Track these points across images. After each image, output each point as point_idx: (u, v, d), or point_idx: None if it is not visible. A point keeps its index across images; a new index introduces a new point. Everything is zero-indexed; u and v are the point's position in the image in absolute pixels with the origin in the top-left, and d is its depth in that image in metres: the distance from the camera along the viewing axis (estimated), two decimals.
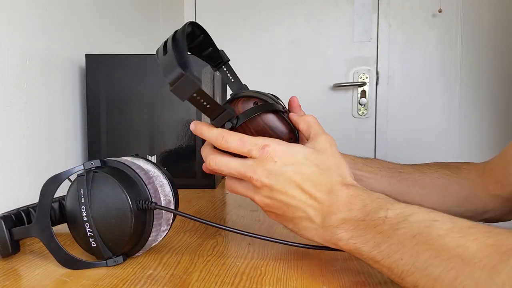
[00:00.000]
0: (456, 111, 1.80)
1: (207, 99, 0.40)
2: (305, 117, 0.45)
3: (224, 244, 0.51)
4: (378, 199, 0.38)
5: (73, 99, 0.86)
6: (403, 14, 1.80)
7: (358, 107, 1.84)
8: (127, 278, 0.40)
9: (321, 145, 0.43)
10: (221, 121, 0.43)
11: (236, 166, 0.42)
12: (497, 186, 0.60)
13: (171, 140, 0.87)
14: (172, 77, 0.38)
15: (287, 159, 0.41)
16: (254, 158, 0.41)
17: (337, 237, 0.39)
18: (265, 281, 0.39)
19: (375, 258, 0.36)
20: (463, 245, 0.30)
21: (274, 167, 0.40)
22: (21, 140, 0.69)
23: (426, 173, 0.64)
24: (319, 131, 0.44)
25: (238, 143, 0.42)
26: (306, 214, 0.41)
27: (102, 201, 0.41)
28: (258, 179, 0.41)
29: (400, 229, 0.34)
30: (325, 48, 1.84)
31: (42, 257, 0.46)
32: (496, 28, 1.75)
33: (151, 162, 0.47)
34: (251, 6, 1.86)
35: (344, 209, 0.39)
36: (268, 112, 0.44)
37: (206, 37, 0.48)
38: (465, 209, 0.63)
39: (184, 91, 0.38)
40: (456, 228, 0.32)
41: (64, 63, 0.83)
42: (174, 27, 1.92)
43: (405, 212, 0.36)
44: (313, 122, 0.45)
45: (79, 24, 0.89)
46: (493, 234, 0.30)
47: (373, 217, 0.37)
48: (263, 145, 0.41)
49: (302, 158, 0.41)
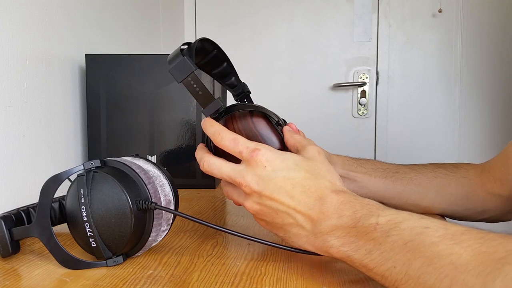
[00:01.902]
0: (456, 111, 1.80)
1: (200, 85, 0.42)
2: (293, 135, 0.46)
3: (224, 244, 0.51)
4: (368, 205, 0.38)
5: (73, 99, 0.86)
6: (403, 14, 1.80)
7: (358, 107, 1.84)
8: (127, 278, 0.40)
9: (309, 154, 0.43)
10: (210, 110, 0.44)
11: (228, 171, 0.42)
12: (496, 185, 0.60)
13: (171, 140, 0.87)
14: (171, 56, 0.43)
15: (277, 164, 0.40)
16: (244, 160, 0.41)
17: (328, 244, 0.38)
18: (265, 281, 0.39)
19: (367, 266, 0.36)
20: (456, 253, 0.30)
21: (264, 173, 0.40)
22: (21, 140, 0.69)
23: (422, 172, 0.64)
24: (306, 143, 0.45)
25: (231, 143, 0.42)
26: (296, 221, 0.40)
27: (102, 201, 0.41)
28: (247, 185, 0.41)
29: (392, 236, 0.34)
30: (325, 48, 1.84)
31: (42, 257, 0.46)
32: (496, 28, 1.75)
33: (151, 162, 0.47)
34: (251, 6, 1.86)
35: (334, 215, 0.38)
36: (260, 117, 0.45)
37: (219, 51, 0.51)
38: (464, 207, 0.62)
39: (180, 73, 0.42)
40: (448, 235, 0.32)
41: (64, 63, 0.83)
42: (174, 27, 1.91)
43: (396, 218, 0.35)
44: (300, 138, 0.46)
45: (79, 24, 0.89)
46: (486, 240, 0.30)
47: (364, 223, 0.36)
48: (254, 148, 0.41)
49: (292, 164, 0.41)
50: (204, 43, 0.48)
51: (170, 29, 1.65)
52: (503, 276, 0.27)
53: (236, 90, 0.55)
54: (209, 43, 0.49)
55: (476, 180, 0.62)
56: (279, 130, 0.46)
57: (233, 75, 0.54)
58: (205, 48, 0.50)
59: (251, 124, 0.45)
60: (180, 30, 1.84)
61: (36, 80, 0.73)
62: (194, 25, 1.89)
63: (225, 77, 0.54)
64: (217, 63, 0.53)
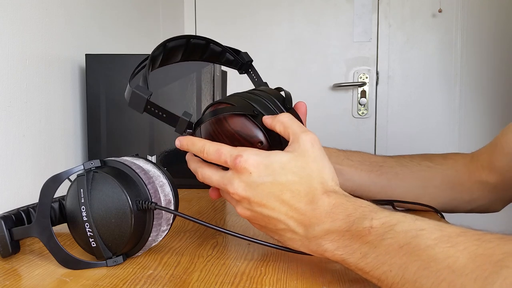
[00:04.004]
0: (456, 111, 1.80)
1: (161, 110, 0.42)
2: (278, 117, 0.41)
3: (224, 244, 0.51)
4: (361, 207, 0.37)
5: (73, 99, 0.86)
6: (403, 14, 1.80)
7: (358, 107, 1.84)
8: (127, 278, 0.40)
9: (301, 148, 0.39)
10: (181, 129, 0.43)
11: (217, 179, 0.42)
12: (484, 172, 0.60)
13: (171, 140, 0.87)
14: (126, 93, 0.43)
15: (262, 170, 0.39)
16: (230, 168, 0.40)
17: (322, 248, 0.38)
18: (265, 281, 0.39)
19: (363, 269, 0.35)
20: (452, 256, 0.30)
21: (250, 179, 0.39)
22: (21, 140, 0.69)
23: (408, 166, 0.64)
24: (297, 131, 0.40)
25: (215, 155, 0.41)
26: (288, 226, 0.39)
27: (102, 201, 0.41)
28: (235, 192, 0.40)
29: (386, 239, 0.34)
30: (325, 48, 1.84)
31: (42, 257, 0.46)
32: (496, 28, 1.75)
33: (151, 162, 0.47)
34: (251, 6, 1.86)
35: (327, 219, 0.37)
36: (233, 116, 0.42)
37: (215, 44, 0.50)
38: (451, 198, 0.63)
39: (138, 105, 0.42)
40: (444, 237, 0.31)
41: (64, 63, 0.83)
42: (174, 27, 1.92)
43: (391, 221, 0.35)
44: (288, 122, 0.41)
45: (79, 24, 0.89)
46: (482, 242, 0.30)
47: (358, 227, 0.36)
48: (237, 155, 0.39)
49: (278, 168, 0.39)
50: (169, 45, 0.47)
51: (170, 29, 1.65)
52: (502, 279, 0.27)
53: (235, 65, 0.53)
54: (176, 41, 0.48)
55: (464, 170, 0.62)
56: (259, 122, 0.42)
57: (225, 52, 0.51)
58: (175, 48, 0.48)
59: (227, 126, 0.42)
60: (180, 30, 1.84)
61: (36, 80, 0.73)
62: (194, 25, 1.89)
63: (218, 57, 0.52)
64: (201, 49, 0.51)
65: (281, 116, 0.41)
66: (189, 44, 0.49)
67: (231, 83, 1.18)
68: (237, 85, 0.85)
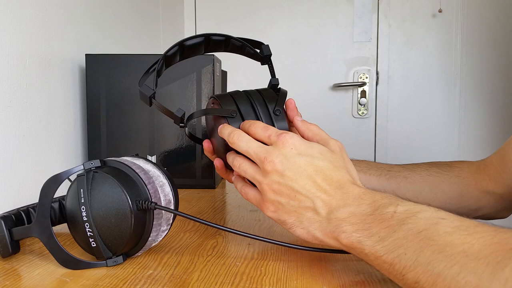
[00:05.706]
0: (456, 111, 1.80)
1: (161, 106, 0.49)
2: (309, 126, 0.47)
3: (224, 244, 0.51)
4: (389, 197, 0.39)
5: (73, 99, 0.86)
6: (403, 14, 1.80)
7: (358, 107, 1.84)
8: (127, 278, 0.40)
9: (332, 148, 0.44)
10: (177, 123, 0.49)
11: (255, 146, 0.44)
12: (491, 183, 0.60)
13: (171, 140, 0.87)
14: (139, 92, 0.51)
15: (303, 149, 0.42)
16: (272, 142, 0.43)
17: (340, 229, 0.38)
18: (265, 281, 0.39)
19: (377, 253, 0.36)
20: (468, 242, 0.31)
21: (289, 153, 0.42)
22: (21, 140, 0.69)
23: (416, 171, 0.64)
24: (326, 137, 0.46)
25: (262, 129, 0.44)
26: (313, 205, 0.41)
27: (102, 201, 0.41)
28: (272, 161, 0.41)
29: (407, 224, 0.35)
30: (325, 48, 1.84)
31: (42, 257, 0.46)
32: (496, 28, 1.75)
33: (151, 162, 0.47)
34: (251, 6, 1.86)
35: (354, 203, 0.39)
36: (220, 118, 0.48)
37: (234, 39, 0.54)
38: (458, 206, 0.63)
39: (144, 100, 0.50)
40: (463, 226, 0.33)
41: (64, 63, 0.83)
42: (174, 27, 1.92)
43: (414, 209, 0.36)
44: (317, 130, 0.46)
45: (79, 24, 0.89)
46: (498, 233, 0.31)
47: (381, 211, 0.37)
48: (283, 132, 0.43)
49: (317, 152, 0.42)
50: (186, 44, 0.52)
51: (170, 29, 1.65)
52: None
53: (256, 58, 0.57)
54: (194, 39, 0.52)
55: (470, 178, 0.62)
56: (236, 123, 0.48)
57: (245, 46, 0.55)
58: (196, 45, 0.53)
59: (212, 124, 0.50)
60: (180, 30, 1.84)
61: (36, 80, 0.73)
62: (194, 25, 1.89)
63: (240, 51, 0.56)
64: (222, 44, 0.55)
65: (311, 125, 0.47)
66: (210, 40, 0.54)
67: (231, 83, 1.18)
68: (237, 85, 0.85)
